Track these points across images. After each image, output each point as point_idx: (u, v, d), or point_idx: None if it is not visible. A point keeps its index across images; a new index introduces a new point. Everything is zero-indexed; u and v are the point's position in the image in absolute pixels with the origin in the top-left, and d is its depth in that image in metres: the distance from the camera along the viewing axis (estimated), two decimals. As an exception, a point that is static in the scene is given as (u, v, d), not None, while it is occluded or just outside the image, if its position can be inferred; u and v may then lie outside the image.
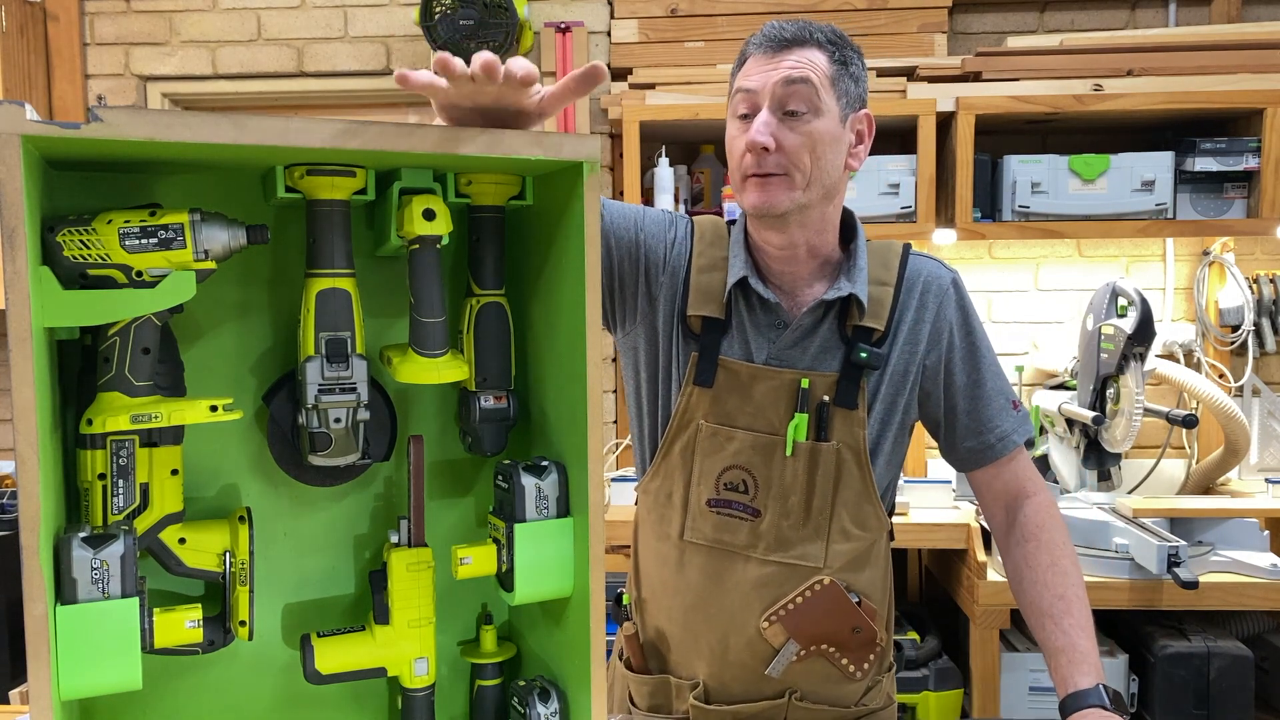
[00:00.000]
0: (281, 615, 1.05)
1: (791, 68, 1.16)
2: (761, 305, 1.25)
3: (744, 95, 1.19)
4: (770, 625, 1.24)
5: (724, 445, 1.24)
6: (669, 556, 1.28)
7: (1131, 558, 2.11)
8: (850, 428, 1.22)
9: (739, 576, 1.25)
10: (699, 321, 1.25)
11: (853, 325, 1.23)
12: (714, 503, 1.25)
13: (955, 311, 1.28)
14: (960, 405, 1.28)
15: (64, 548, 0.79)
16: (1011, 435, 1.29)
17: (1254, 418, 2.67)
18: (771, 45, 1.18)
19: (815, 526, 1.23)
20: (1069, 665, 1.19)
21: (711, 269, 1.26)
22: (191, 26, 2.88)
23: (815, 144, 1.16)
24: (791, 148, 1.16)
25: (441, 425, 1.10)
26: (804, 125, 1.16)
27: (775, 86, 1.16)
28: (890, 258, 1.27)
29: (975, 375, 1.28)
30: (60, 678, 0.78)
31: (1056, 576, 1.24)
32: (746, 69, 1.20)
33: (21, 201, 0.71)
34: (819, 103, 1.16)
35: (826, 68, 1.17)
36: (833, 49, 1.18)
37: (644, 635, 1.35)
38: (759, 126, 1.16)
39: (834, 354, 1.23)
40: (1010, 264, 2.79)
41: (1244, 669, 2.06)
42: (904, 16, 2.69)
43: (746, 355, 1.24)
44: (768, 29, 1.19)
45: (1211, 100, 2.39)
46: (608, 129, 2.74)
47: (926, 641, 2.30)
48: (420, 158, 0.88)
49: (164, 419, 0.84)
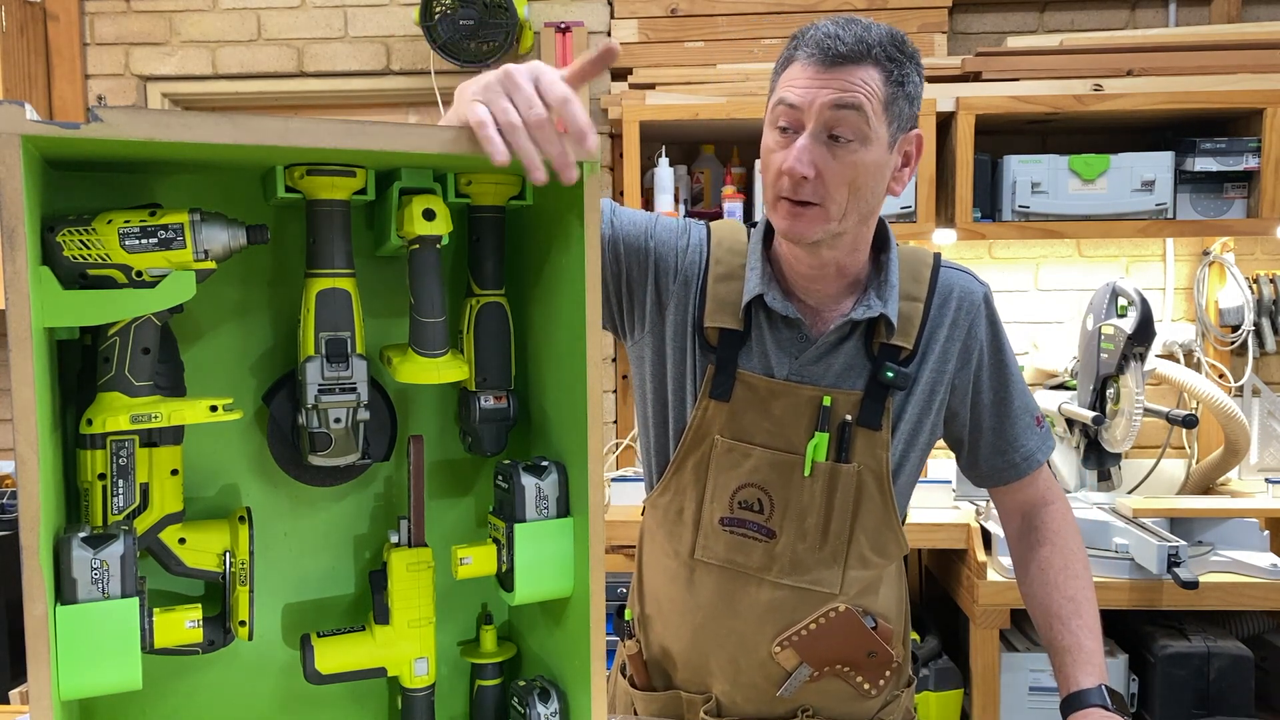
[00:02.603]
0: (281, 615, 1.05)
1: (843, 90, 1.04)
2: (783, 319, 1.19)
3: (786, 109, 1.08)
4: (782, 650, 1.20)
5: (740, 462, 1.19)
6: (678, 574, 1.24)
7: (1131, 558, 2.11)
8: (873, 449, 1.17)
9: (751, 599, 1.21)
10: (716, 333, 1.19)
11: (880, 343, 1.17)
12: (727, 521, 1.20)
13: (986, 328, 1.23)
14: (986, 424, 1.25)
15: (64, 548, 0.79)
16: (1035, 454, 1.27)
17: (1254, 418, 2.67)
18: (824, 58, 1.05)
19: (833, 550, 1.19)
20: (1073, 665, 1.18)
21: (729, 278, 1.20)
22: (191, 26, 2.87)
23: (857, 175, 1.07)
24: (831, 178, 1.07)
25: (441, 425, 1.10)
26: (849, 154, 1.06)
27: (822, 109, 1.05)
28: (921, 269, 1.20)
29: (1003, 393, 1.24)
30: (60, 678, 0.77)
31: (1069, 580, 1.23)
32: (791, 76, 1.08)
33: (21, 201, 0.71)
34: (868, 131, 1.05)
35: (881, 90, 1.05)
36: (891, 67, 1.06)
37: (648, 653, 1.31)
38: (799, 154, 1.06)
39: (859, 371, 1.18)
40: (1010, 264, 2.79)
41: (1244, 669, 2.06)
42: (904, 16, 2.69)
43: (766, 369, 1.19)
44: (821, 35, 1.06)
45: (1211, 100, 2.39)
46: (608, 129, 2.74)
47: (926, 641, 2.30)
48: (420, 158, 0.88)
49: (164, 419, 0.84)
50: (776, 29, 2.71)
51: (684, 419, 1.22)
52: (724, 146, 2.71)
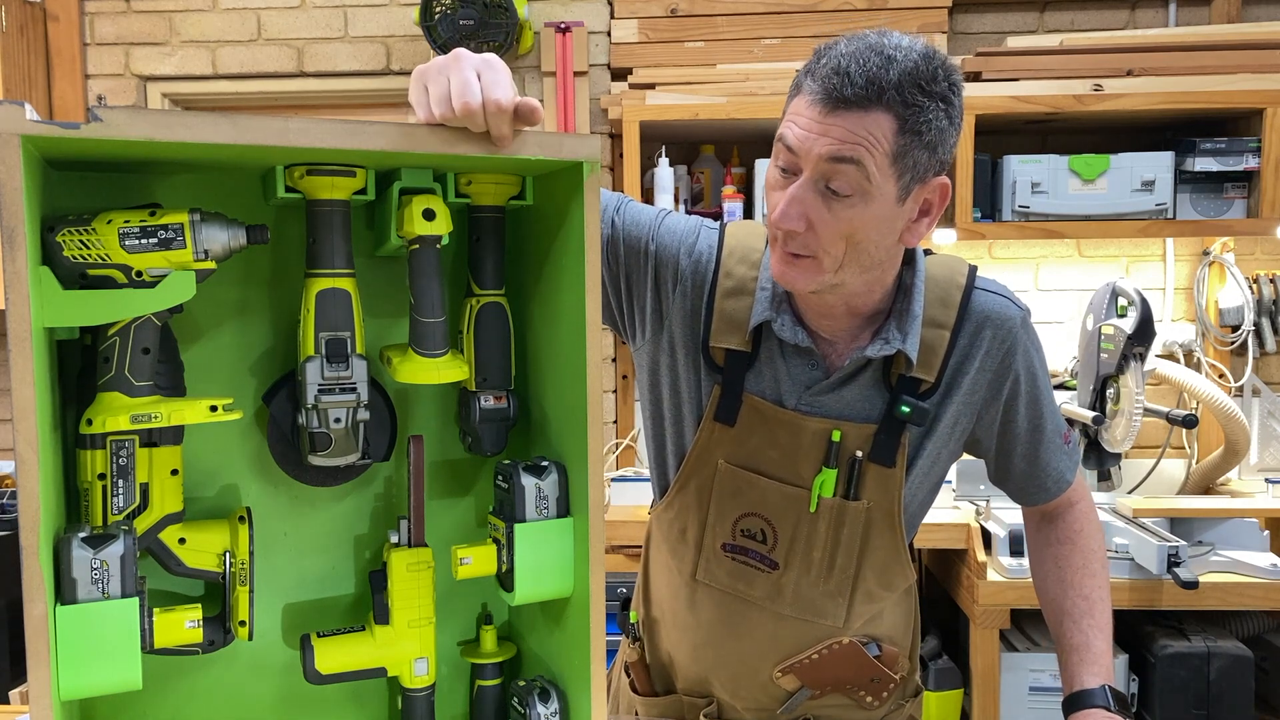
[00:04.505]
0: (281, 615, 1.05)
1: (842, 140, 0.94)
2: (794, 345, 1.11)
3: (784, 150, 0.99)
4: (784, 675, 1.19)
5: (744, 490, 1.14)
6: (680, 591, 1.22)
7: (1131, 558, 2.11)
8: (885, 487, 1.11)
9: (753, 626, 1.18)
10: (722, 354, 1.12)
11: (898, 374, 1.10)
12: (730, 548, 1.16)
13: (1022, 357, 1.13)
14: (1017, 450, 1.20)
15: (64, 548, 0.79)
16: (1065, 475, 1.23)
17: (1254, 418, 2.67)
18: (829, 99, 0.94)
19: (838, 585, 1.14)
20: (1079, 664, 1.17)
21: (739, 293, 1.11)
22: (191, 26, 2.87)
23: (854, 231, 0.98)
24: (824, 231, 0.98)
25: (441, 425, 1.10)
26: (845, 209, 0.97)
27: (818, 160, 0.96)
28: (951, 293, 1.10)
29: (1037, 421, 1.18)
30: (60, 678, 0.77)
31: (1086, 579, 1.22)
32: (796, 110, 0.98)
33: (21, 201, 0.71)
34: (868, 186, 0.96)
35: (890, 142, 0.94)
36: (908, 114, 0.94)
37: (651, 657, 1.30)
38: (788, 205, 0.98)
39: (874, 403, 1.11)
40: (1010, 264, 2.79)
41: (1244, 669, 2.06)
42: (904, 16, 2.69)
43: (776, 395, 1.12)
44: (830, 70, 0.94)
45: (1211, 100, 2.39)
46: (608, 129, 2.74)
47: (926, 641, 2.30)
48: (420, 158, 0.88)
49: (164, 419, 0.84)
50: (776, 29, 2.70)
51: (684, 437, 1.18)
52: (724, 146, 2.71)
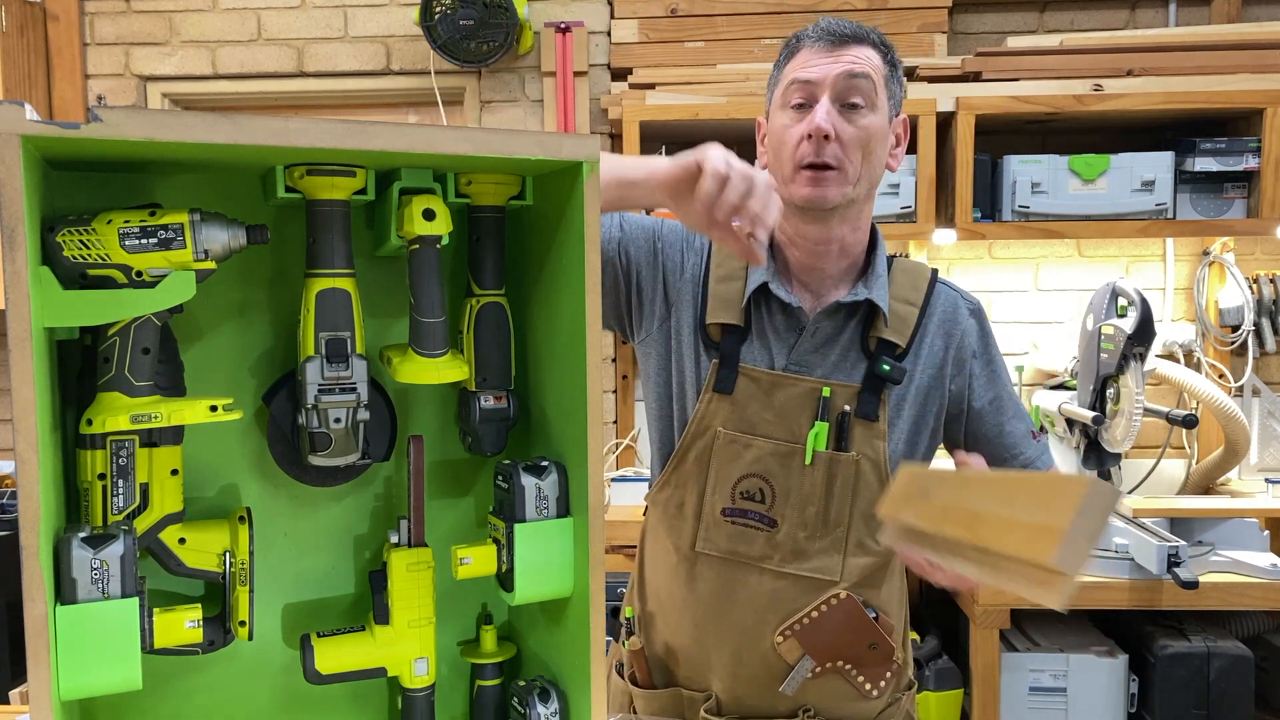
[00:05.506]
0: (281, 615, 1.05)
1: (853, 62, 1.17)
2: (782, 309, 1.24)
3: (800, 86, 1.18)
4: (785, 640, 1.22)
5: (741, 453, 1.22)
6: (679, 570, 1.27)
7: (1131, 558, 2.11)
8: (871, 439, 1.21)
9: (752, 589, 1.23)
10: (718, 329, 1.24)
11: (876, 338, 1.23)
12: (729, 512, 1.23)
13: (978, 341, 1.28)
14: (983, 432, 1.29)
15: (64, 548, 0.79)
16: (1035, 464, 1.30)
17: (1254, 418, 2.67)
18: (831, 39, 1.18)
19: (833, 538, 1.22)
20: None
21: (730, 278, 1.25)
22: (191, 26, 2.87)
23: (870, 139, 1.17)
24: (848, 140, 1.16)
25: (441, 425, 1.10)
26: (861, 119, 1.17)
27: (838, 79, 1.16)
28: (919, 280, 1.28)
29: (997, 403, 1.29)
30: (60, 678, 0.77)
31: None
32: (802, 61, 1.19)
33: (21, 201, 0.71)
34: (876, 99, 1.17)
35: (881, 66, 1.19)
36: (885, 50, 1.20)
37: (650, 650, 1.33)
38: (821, 114, 1.16)
39: (856, 365, 1.23)
40: (1010, 264, 2.79)
41: (1244, 669, 2.07)
42: (904, 16, 2.69)
43: (768, 361, 1.23)
44: (825, 24, 1.20)
45: (1211, 100, 2.39)
46: (608, 129, 2.74)
47: (926, 641, 2.30)
48: (420, 158, 0.88)
49: (164, 419, 0.84)
50: (776, 29, 2.70)
51: (687, 414, 1.25)
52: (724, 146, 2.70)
